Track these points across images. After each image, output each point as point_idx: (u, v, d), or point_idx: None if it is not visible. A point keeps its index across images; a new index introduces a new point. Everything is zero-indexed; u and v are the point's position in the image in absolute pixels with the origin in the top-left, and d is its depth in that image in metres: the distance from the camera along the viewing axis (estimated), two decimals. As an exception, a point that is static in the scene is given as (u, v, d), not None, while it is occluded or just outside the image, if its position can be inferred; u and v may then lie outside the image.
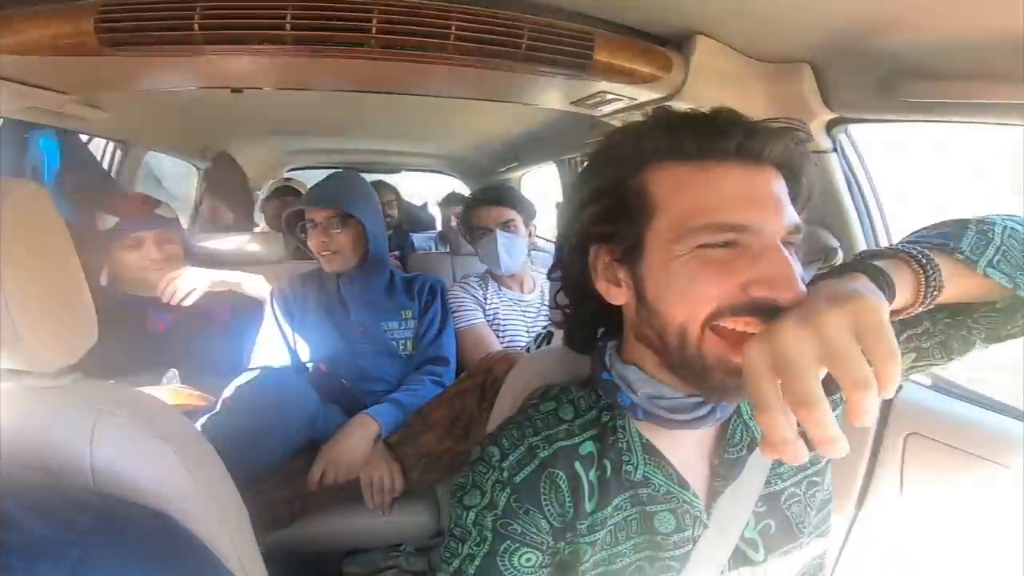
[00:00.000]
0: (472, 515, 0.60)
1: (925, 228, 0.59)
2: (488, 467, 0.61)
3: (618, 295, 0.60)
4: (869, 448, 1.01)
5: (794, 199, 0.56)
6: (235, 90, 1.07)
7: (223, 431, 1.17)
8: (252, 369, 1.41)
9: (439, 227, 3.81)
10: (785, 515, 0.65)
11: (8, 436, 0.53)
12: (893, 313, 0.47)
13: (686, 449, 0.63)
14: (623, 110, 1.16)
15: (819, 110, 1.00)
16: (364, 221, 1.45)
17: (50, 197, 0.59)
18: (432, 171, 3.72)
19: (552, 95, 1.13)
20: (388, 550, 1.43)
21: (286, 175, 3.48)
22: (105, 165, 2.03)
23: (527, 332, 1.74)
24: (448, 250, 2.46)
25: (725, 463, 0.63)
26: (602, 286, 0.60)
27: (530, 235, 1.81)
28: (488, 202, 1.78)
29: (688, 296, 0.52)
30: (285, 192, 2.95)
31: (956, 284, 0.52)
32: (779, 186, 0.54)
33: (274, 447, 1.23)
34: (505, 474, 0.60)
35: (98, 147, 1.95)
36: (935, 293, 0.51)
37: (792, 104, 1.01)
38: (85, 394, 0.59)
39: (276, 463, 1.24)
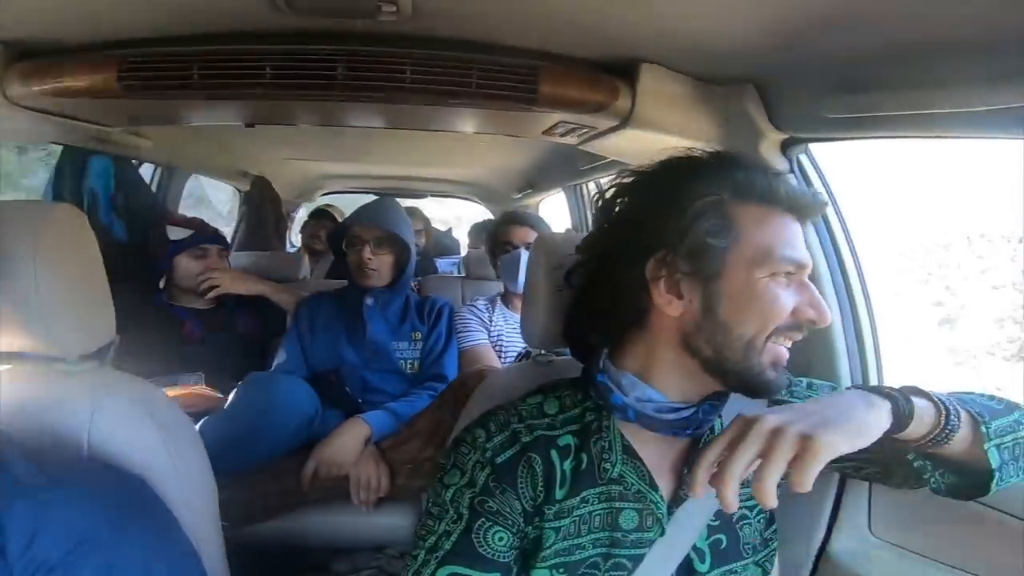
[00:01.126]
0: (450, 493, 0.64)
1: (987, 395, 0.68)
2: (471, 448, 0.66)
3: (677, 307, 0.63)
4: (836, 483, 0.99)
5: None
6: (248, 124, 1.24)
7: (229, 425, 1.31)
8: (268, 372, 1.55)
9: (463, 252, 3.93)
10: (736, 533, 0.70)
11: (29, 409, 0.66)
12: (891, 439, 0.59)
13: (659, 456, 0.68)
14: (591, 137, 1.23)
15: (767, 130, 1.01)
16: (408, 244, 1.60)
17: (85, 219, 0.72)
18: (455, 196, 3.89)
19: (521, 127, 1.23)
20: (374, 551, 1.47)
21: (325, 202, 3.72)
22: (154, 187, 2.29)
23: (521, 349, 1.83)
24: (464, 274, 2.58)
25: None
26: (661, 296, 0.64)
27: None
28: (519, 222, 1.91)
29: (766, 313, 0.61)
30: (323, 216, 3.18)
31: (960, 445, 0.61)
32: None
33: (273, 443, 1.34)
34: (488, 454, 0.65)
35: (148, 170, 2.19)
36: (938, 445, 0.61)
37: (741, 125, 1.03)
38: (96, 380, 0.70)
39: (274, 458, 1.35)
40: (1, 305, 0.62)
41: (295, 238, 3.94)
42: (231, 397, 1.41)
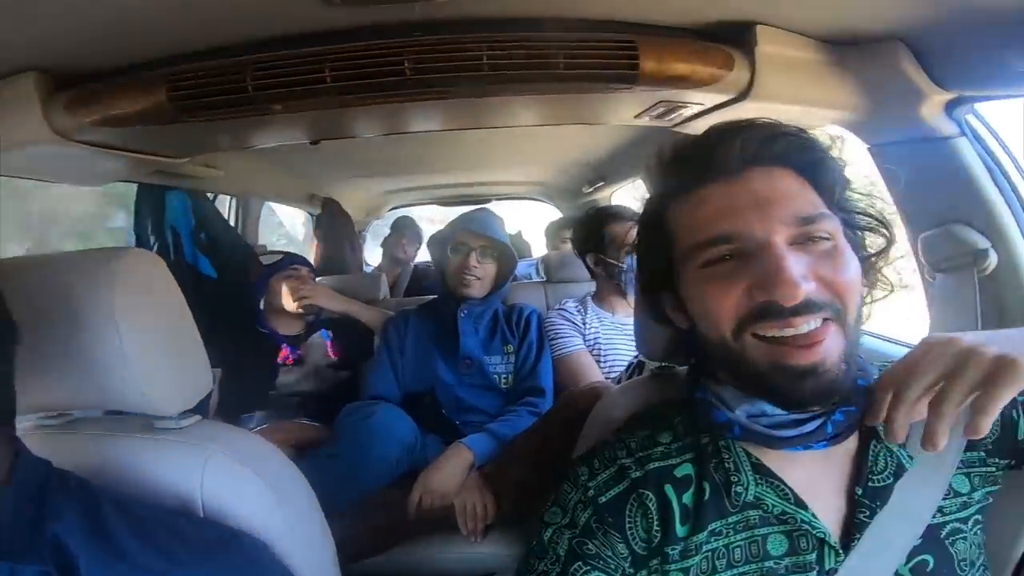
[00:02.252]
0: (550, 532, 0.61)
1: None
2: (574, 486, 0.62)
3: (680, 319, 0.63)
4: None
5: (820, 189, 0.56)
6: (313, 142, 1.16)
7: (330, 463, 1.30)
8: (365, 402, 1.50)
9: (533, 254, 3.78)
10: (948, 552, 0.59)
11: (132, 475, 0.62)
12: None
13: (807, 474, 0.59)
14: (694, 117, 1.08)
15: (929, 90, 0.86)
16: (512, 256, 1.56)
17: (163, 263, 0.68)
18: (521, 198, 3.76)
19: (614, 111, 1.09)
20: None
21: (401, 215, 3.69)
22: (233, 219, 2.32)
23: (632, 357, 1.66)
24: (544, 278, 2.42)
25: (870, 492, 0.58)
26: (670, 313, 0.64)
27: None
28: (631, 219, 1.67)
29: (708, 313, 0.55)
30: (406, 225, 3.21)
31: None
32: (767, 187, 0.55)
33: (376, 477, 1.31)
34: (591, 493, 0.60)
35: (223, 201, 2.21)
36: None
37: (891, 88, 0.88)
38: (200, 436, 0.66)
39: (377, 491, 1.32)
40: (90, 363, 0.59)
41: (368, 257, 3.96)
42: (333, 427, 1.39)
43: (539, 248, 3.70)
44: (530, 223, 4.05)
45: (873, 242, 0.61)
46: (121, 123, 0.82)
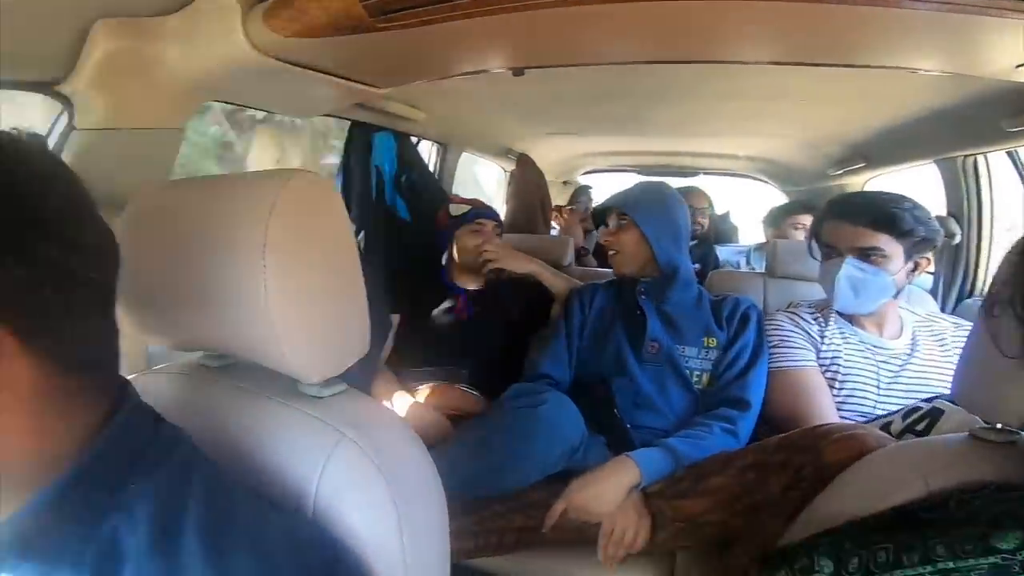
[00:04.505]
0: None
1: None
2: None
3: None
4: None
5: None
6: (516, 72, 0.99)
7: (485, 444, 1.18)
8: (534, 380, 1.37)
9: (740, 240, 3.26)
10: None
11: (255, 444, 0.55)
12: None
13: None
14: None
15: None
16: (640, 225, 1.41)
17: (336, 193, 0.59)
18: (737, 175, 3.24)
19: (987, 54, 0.75)
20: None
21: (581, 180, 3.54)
22: (432, 167, 2.33)
23: (877, 393, 1.24)
24: (763, 270, 1.97)
25: None
26: None
27: (915, 270, 1.28)
28: (844, 217, 1.28)
29: None
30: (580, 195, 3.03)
31: None
32: None
33: (528, 473, 1.16)
34: None
35: (424, 150, 2.21)
36: None
37: None
38: (338, 414, 0.57)
39: (519, 489, 1.17)
40: (235, 306, 0.52)
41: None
42: (496, 404, 1.28)
43: (748, 235, 3.20)
44: (743, 205, 3.50)
45: None
46: (312, 33, 0.72)
